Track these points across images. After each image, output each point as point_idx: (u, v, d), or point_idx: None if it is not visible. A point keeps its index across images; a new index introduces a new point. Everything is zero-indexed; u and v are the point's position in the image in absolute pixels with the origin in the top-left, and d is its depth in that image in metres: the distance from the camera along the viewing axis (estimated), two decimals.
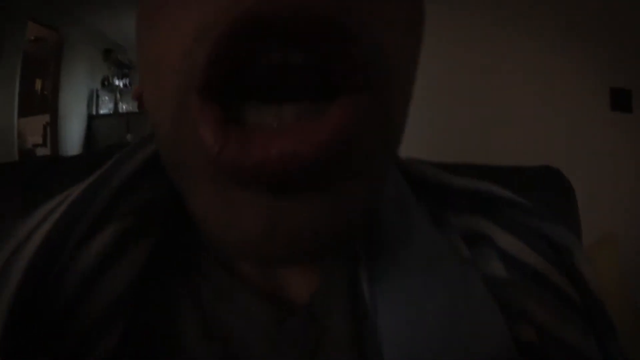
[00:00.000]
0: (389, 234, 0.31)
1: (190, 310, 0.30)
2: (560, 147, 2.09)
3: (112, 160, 0.30)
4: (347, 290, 0.32)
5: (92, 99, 5.06)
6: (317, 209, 0.21)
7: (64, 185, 0.31)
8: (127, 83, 5.38)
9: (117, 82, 5.49)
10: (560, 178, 0.53)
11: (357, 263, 0.32)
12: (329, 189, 0.21)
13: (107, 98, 5.41)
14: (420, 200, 0.36)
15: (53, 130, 4.28)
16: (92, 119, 5.02)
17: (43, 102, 4.58)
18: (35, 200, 0.31)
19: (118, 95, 5.55)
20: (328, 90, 0.20)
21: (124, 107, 5.52)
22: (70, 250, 0.26)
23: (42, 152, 4.33)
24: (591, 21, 2.02)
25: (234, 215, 0.21)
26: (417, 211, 0.33)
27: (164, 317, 0.30)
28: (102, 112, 5.27)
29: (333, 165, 0.20)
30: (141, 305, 0.29)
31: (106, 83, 5.33)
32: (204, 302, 0.30)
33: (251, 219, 0.21)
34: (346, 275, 0.32)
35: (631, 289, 1.44)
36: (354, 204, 0.23)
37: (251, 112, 0.21)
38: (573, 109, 2.10)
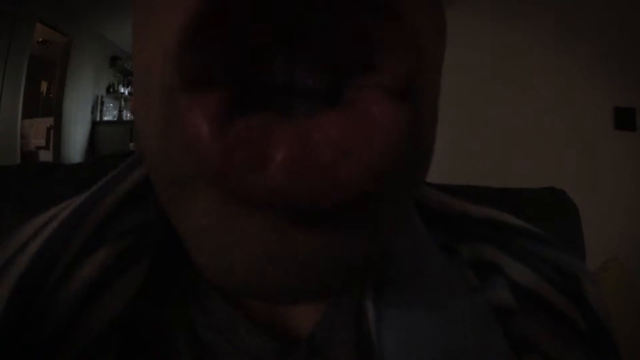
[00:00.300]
0: (397, 264, 0.30)
1: (185, 342, 0.28)
2: (563, 166, 2.09)
3: (107, 178, 0.29)
4: (352, 320, 0.30)
5: (97, 105, 5.09)
6: (343, 240, 0.18)
7: (61, 194, 0.30)
8: (132, 90, 5.41)
9: (122, 90, 5.53)
10: (565, 199, 0.53)
11: (364, 292, 0.30)
12: (361, 219, 0.18)
13: (111, 105, 5.45)
14: (430, 227, 0.35)
15: (56, 133, 4.30)
16: (96, 125, 5.05)
17: (48, 105, 4.61)
18: (31, 208, 0.30)
19: (122, 103, 5.60)
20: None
21: (128, 115, 5.56)
22: (63, 270, 0.25)
23: (44, 155, 4.34)
24: (595, 40, 2.04)
25: (234, 234, 0.18)
26: (427, 240, 0.33)
27: (158, 349, 0.28)
28: (106, 118, 5.30)
29: (376, 192, 0.16)
30: (135, 331, 0.28)
31: (111, 90, 5.37)
32: (200, 333, 0.29)
33: (257, 239, 0.18)
34: (352, 304, 0.31)
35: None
36: (383, 234, 0.20)
37: (257, 92, 0.17)
38: (577, 128, 2.11)
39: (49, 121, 4.39)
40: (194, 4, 0.14)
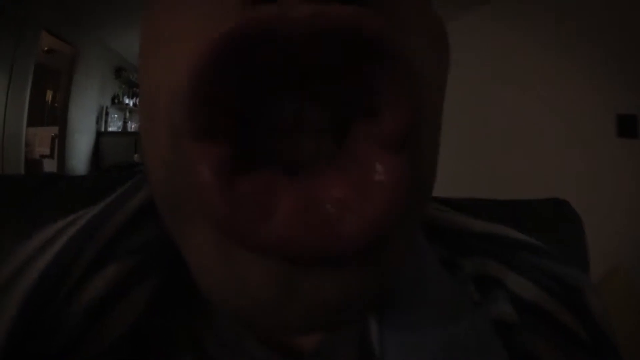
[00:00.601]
0: (401, 283, 0.30)
1: (191, 356, 0.29)
2: (566, 174, 2.10)
3: (116, 194, 0.30)
4: (356, 337, 0.30)
5: (102, 116, 5.10)
6: (347, 281, 0.18)
7: (66, 207, 0.31)
8: (137, 102, 5.43)
9: (127, 101, 5.56)
10: (568, 210, 0.54)
11: None
12: (365, 262, 0.18)
13: (116, 116, 5.47)
14: (432, 242, 0.35)
15: (61, 142, 4.30)
16: (101, 135, 5.06)
17: (52, 114, 4.62)
18: (35, 219, 0.31)
19: (127, 114, 5.62)
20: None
21: (133, 126, 5.58)
22: (73, 284, 0.25)
23: (49, 163, 4.34)
24: (598, 46, 2.05)
25: (239, 277, 0.18)
26: (429, 256, 0.33)
27: None
28: (110, 129, 5.32)
29: (377, 242, 0.16)
30: (144, 344, 0.28)
31: (116, 101, 5.39)
32: (206, 347, 0.29)
33: (261, 283, 0.18)
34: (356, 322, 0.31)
35: None
36: (388, 271, 0.20)
37: (263, 142, 0.17)
38: (579, 135, 2.11)
39: (54, 130, 4.40)
40: (208, 48, 0.14)
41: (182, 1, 0.20)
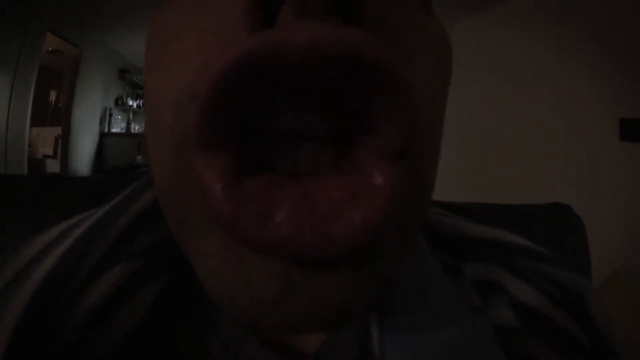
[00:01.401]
0: (401, 287, 0.30)
1: (195, 358, 0.29)
2: (568, 179, 2.09)
3: (120, 197, 0.30)
4: (356, 339, 0.30)
5: (105, 117, 5.11)
6: (345, 282, 0.19)
7: (69, 208, 0.31)
8: (140, 104, 5.44)
9: (130, 102, 5.57)
10: (570, 214, 0.54)
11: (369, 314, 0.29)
12: (362, 264, 0.19)
13: (119, 117, 5.48)
14: (434, 247, 0.35)
15: (64, 143, 4.31)
16: (104, 136, 5.07)
17: (56, 114, 4.64)
18: (38, 220, 0.31)
19: (131, 115, 5.63)
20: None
21: (136, 127, 5.59)
22: (78, 286, 0.25)
23: (51, 163, 4.35)
24: (600, 51, 2.05)
25: (243, 277, 0.19)
26: (431, 261, 0.33)
27: None
28: (114, 130, 5.33)
29: (372, 243, 0.17)
30: (147, 345, 0.29)
31: (120, 102, 5.40)
32: (210, 349, 0.29)
33: (264, 282, 0.18)
34: (357, 325, 0.31)
35: None
36: (386, 273, 0.21)
37: (265, 149, 0.18)
38: (581, 139, 2.11)
39: (57, 130, 4.42)
40: (219, 72, 0.15)
41: (189, 16, 0.20)
